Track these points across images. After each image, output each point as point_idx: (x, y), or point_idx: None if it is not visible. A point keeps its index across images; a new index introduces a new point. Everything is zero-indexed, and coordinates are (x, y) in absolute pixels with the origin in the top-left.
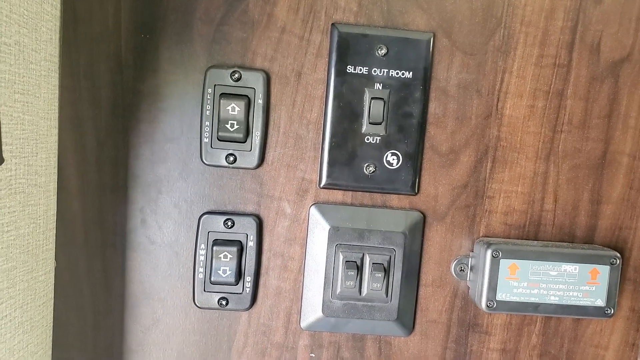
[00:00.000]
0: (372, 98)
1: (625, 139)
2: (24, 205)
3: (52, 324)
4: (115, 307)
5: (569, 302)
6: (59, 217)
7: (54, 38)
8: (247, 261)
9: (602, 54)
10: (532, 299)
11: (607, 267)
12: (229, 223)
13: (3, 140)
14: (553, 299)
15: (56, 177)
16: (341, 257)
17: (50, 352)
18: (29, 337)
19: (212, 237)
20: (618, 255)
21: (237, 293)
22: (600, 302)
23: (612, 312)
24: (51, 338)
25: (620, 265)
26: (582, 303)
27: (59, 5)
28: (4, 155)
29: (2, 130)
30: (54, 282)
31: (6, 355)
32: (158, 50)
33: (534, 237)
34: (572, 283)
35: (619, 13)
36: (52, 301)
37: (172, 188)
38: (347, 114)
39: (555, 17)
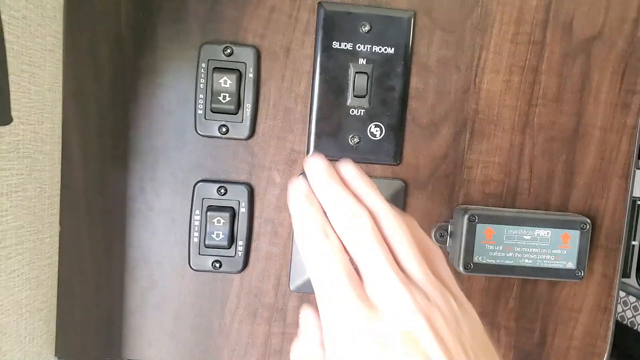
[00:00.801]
0: (357, 72)
1: (596, 112)
2: (30, 170)
3: (56, 285)
4: (116, 270)
5: (542, 265)
6: (63, 184)
7: (58, 16)
8: (239, 227)
9: (575, 31)
10: (507, 262)
11: (578, 232)
12: (222, 190)
13: (12, 106)
14: (527, 262)
15: (60, 146)
16: None
17: (55, 311)
18: (36, 294)
19: (206, 203)
20: (588, 220)
21: (230, 256)
22: (571, 265)
23: (582, 274)
24: (56, 297)
25: (590, 230)
26: (554, 266)
27: None
28: (12, 116)
29: (10, 96)
30: (58, 245)
31: (14, 307)
32: (155, 28)
33: (511, 205)
34: (545, 247)
35: None
36: (57, 263)
37: (169, 158)
38: (333, 88)
39: None
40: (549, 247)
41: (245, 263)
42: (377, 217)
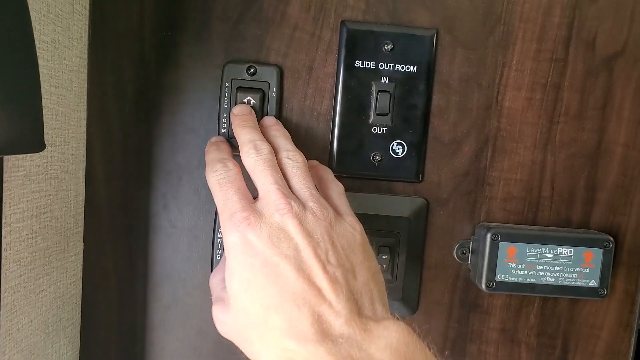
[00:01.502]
0: (379, 91)
1: (619, 129)
2: (57, 190)
3: (81, 302)
4: (139, 287)
5: (565, 283)
6: (87, 202)
7: (84, 36)
8: None
9: (597, 48)
10: (530, 280)
11: (601, 250)
12: None
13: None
14: (549, 280)
15: (85, 165)
16: None
17: (79, 328)
18: (62, 312)
19: None
20: (611, 239)
21: None
22: (594, 283)
23: (606, 292)
24: (80, 315)
25: (613, 249)
26: (576, 284)
27: (88, 5)
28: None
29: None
30: (82, 263)
31: (42, 327)
32: (179, 46)
33: (532, 222)
34: (567, 265)
35: (613, 10)
36: (81, 280)
37: (192, 175)
38: (355, 106)
39: (553, 13)
40: (571, 265)
41: None
42: (278, 151)
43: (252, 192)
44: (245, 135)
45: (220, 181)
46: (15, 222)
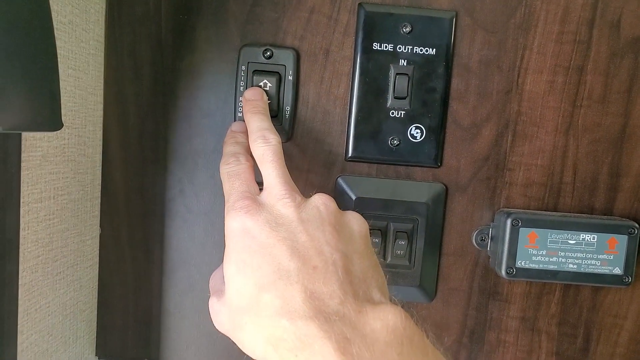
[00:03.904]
0: (397, 74)
1: None
2: (75, 173)
3: (97, 286)
4: (154, 272)
5: (587, 270)
6: (103, 186)
7: (101, 19)
8: None
9: (622, 30)
10: (551, 267)
11: (625, 237)
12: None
13: None
14: (571, 267)
15: (101, 149)
16: None
17: (95, 312)
18: (79, 295)
19: None
20: (636, 225)
21: None
22: (618, 271)
23: (630, 280)
24: (96, 299)
25: (639, 235)
26: (600, 271)
27: None
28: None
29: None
30: (98, 247)
31: (60, 309)
32: (195, 30)
33: (553, 208)
34: (590, 252)
35: None
36: (98, 265)
37: (209, 160)
38: (373, 90)
39: None
40: (594, 252)
41: None
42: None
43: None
44: (255, 123)
45: (229, 172)
46: (33, 202)
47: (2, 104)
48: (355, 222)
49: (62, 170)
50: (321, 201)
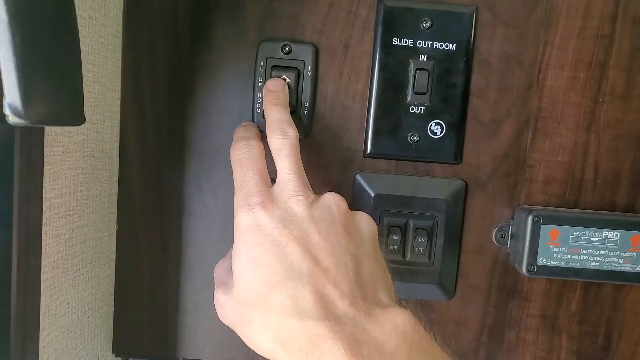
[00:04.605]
0: (417, 69)
1: None
2: (93, 169)
3: (114, 283)
4: (171, 269)
5: (610, 268)
6: (120, 183)
7: (119, 15)
8: None
9: None
10: (573, 264)
11: None
12: None
13: None
14: (593, 265)
15: (118, 145)
16: (385, 222)
17: (112, 309)
18: (96, 292)
19: None
20: None
21: None
22: None
23: None
24: (113, 295)
25: None
26: (622, 269)
27: None
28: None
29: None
30: (115, 244)
31: (79, 306)
32: (212, 26)
33: (574, 206)
34: (613, 249)
35: None
36: (115, 261)
37: (226, 157)
38: (392, 85)
39: None
40: (617, 249)
41: None
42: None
43: (272, 173)
44: (274, 115)
45: (242, 160)
46: (54, 198)
47: (29, 98)
48: (365, 223)
49: (81, 165)
50: (333, 200)
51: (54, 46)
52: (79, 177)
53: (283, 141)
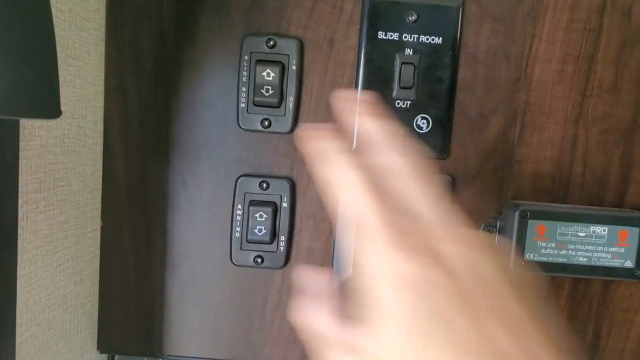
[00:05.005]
0: (403, 63)
1: None
2: (75, 164)
3: (98, 280)
4: (157, 265)
5: (598, 263)
6: (105, 178)
7: (101, 9)
8: (281, 222)
9: (634, 18)
10: (560, 260)
11: (637, 229)
12: (264, 185)
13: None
14: (581, 260)
15: (102, 140)
16: None
17: (97, 306)
18: (79, 289)
19: (248, 198)
20: None
21: (271, 252)
22: (630, 264)
23: None
24: (98, 292)
25: None
26: (610, 264)
27: None
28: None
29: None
30: (100, 240)
31: (60, 302)
32: (197, 20)
33: (563, 201)
34: (601, 244)
35: None
36: (99, 258)
37: (211, 152)
38: (378, 80)
39: None
40: (605, 244)
41: (287, 258)
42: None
43: (264, 169)
44: (381, 127)
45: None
46: (32, 192)
47: None
48: None
49: (62, 160)
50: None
51: (25, 36)
52: (59, 172)
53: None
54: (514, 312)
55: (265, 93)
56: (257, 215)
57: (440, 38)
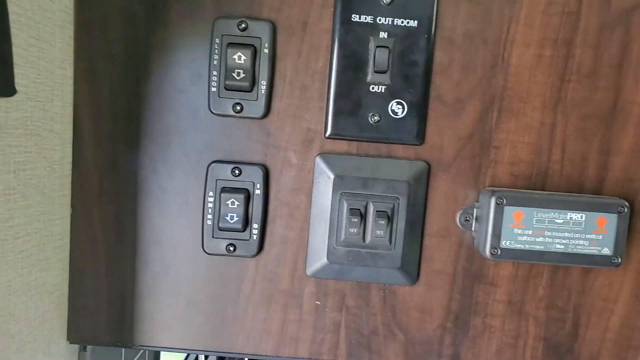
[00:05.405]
0: (377, 46)
1: (636, 88)
2: (40, 148)
3: (68, 268)
4: (127, 254)
5: (575, 251)
6: (74, 165)
7: None
8: (254, 209)
9: (613, 1)
10: (537, 247)
11: (615, 216)
12: (236, 171)
13: (19, 80)
14: (558, 247)
15: (72, 126)
16: (345, 204)
17: (66, 294)
18: (46, 276)
19: (220, 184)
20: (626, 203)
21: (244, 240)
22: (607, 251)
23: (620, 261)
24: (67, 281)
25: (629, 214)
26: (588, 251)
27: None
28: (15, 88)
29: (15, 70)
30: (69, 227)
31: (23, 289)
32: (168, 3)
33: (541, 188)
34: (578, 231)
35: None
36: (68, 246)
37: (182, 137)
38: (352, 63)
39: None
40: (582, 231)
41: (260, 247)
42: None
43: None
44: None
45: None
46: None
47: None
48: None
49: (24, 144)
50: None
51: None
52: (20, 155)
53: None
54: None
55: (236, 77)
56: (229, 202)
57: (416, 21)
